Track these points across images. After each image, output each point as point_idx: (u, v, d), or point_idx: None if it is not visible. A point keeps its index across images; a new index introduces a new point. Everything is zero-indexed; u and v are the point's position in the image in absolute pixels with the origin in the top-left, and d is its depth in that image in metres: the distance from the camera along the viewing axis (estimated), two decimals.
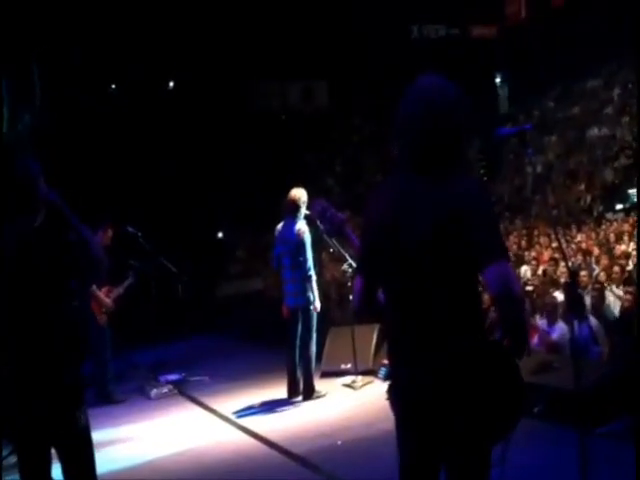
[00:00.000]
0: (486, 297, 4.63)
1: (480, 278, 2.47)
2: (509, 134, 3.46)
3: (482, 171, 20.55)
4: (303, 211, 7.10)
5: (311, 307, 7.12)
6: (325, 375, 8.15)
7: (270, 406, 7.22)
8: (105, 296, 8.15)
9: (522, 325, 2.50)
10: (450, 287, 2.47)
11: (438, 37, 25.43)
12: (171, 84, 23.20)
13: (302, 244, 7.01)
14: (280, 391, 7.47)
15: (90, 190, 13.87)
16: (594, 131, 19.56)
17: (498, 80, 24.38)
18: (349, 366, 7.87)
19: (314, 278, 7.11)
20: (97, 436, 3.65)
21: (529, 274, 10.68)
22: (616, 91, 20.32)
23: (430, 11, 24.84)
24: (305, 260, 7.02)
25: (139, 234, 8.67)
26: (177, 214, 17.91)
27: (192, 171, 19.42)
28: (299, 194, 7.14)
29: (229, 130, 21.32)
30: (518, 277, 10.60)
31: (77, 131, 16.61)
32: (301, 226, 7.07)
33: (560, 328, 6.92)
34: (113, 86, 21.52)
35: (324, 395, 7.29)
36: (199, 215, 18.65)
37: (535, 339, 7.16)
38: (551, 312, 7.16)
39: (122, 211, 12.14)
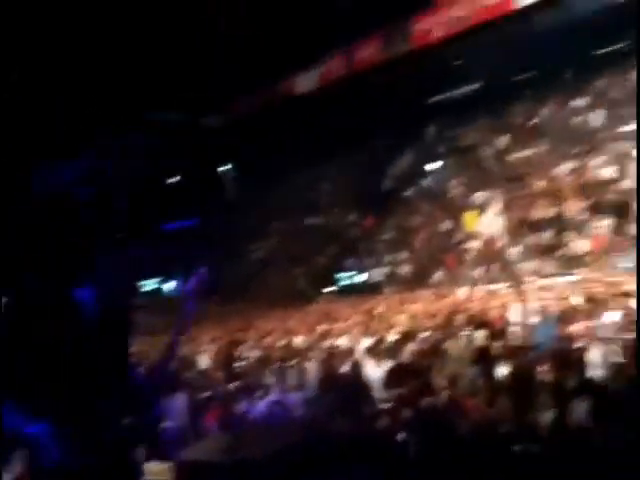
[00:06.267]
0: None
1: None
2: (175, 229, 3.87)
3: None
4: None
5: None
6: None
7: None
8: None
9: None
10: None
11: (167, 123, 25.94)
12: None
13: None
14: None
15: None
16: (310, 220, 21.20)
17: (226, 168, 25.33)
18: None
19: None
20: None
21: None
22: (326, 185, 22.21)
23: (160, 98, 25.35)
24: None
25: None
26: None
27: None
28: None
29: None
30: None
31: None
32: None
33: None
34: None
35: None
36: None
37: None
38: None
39: None
